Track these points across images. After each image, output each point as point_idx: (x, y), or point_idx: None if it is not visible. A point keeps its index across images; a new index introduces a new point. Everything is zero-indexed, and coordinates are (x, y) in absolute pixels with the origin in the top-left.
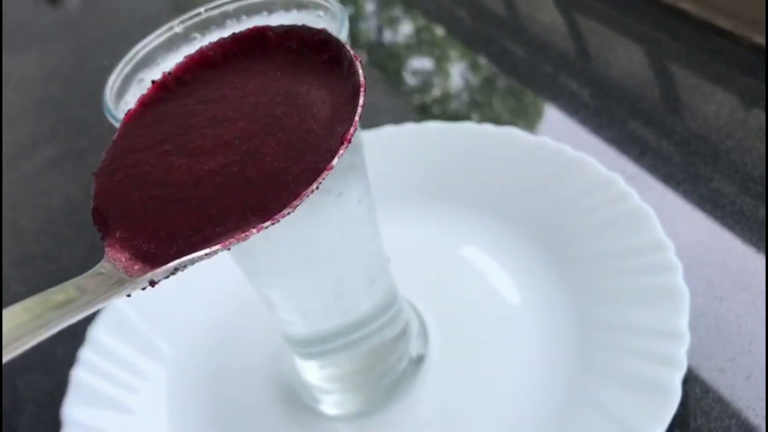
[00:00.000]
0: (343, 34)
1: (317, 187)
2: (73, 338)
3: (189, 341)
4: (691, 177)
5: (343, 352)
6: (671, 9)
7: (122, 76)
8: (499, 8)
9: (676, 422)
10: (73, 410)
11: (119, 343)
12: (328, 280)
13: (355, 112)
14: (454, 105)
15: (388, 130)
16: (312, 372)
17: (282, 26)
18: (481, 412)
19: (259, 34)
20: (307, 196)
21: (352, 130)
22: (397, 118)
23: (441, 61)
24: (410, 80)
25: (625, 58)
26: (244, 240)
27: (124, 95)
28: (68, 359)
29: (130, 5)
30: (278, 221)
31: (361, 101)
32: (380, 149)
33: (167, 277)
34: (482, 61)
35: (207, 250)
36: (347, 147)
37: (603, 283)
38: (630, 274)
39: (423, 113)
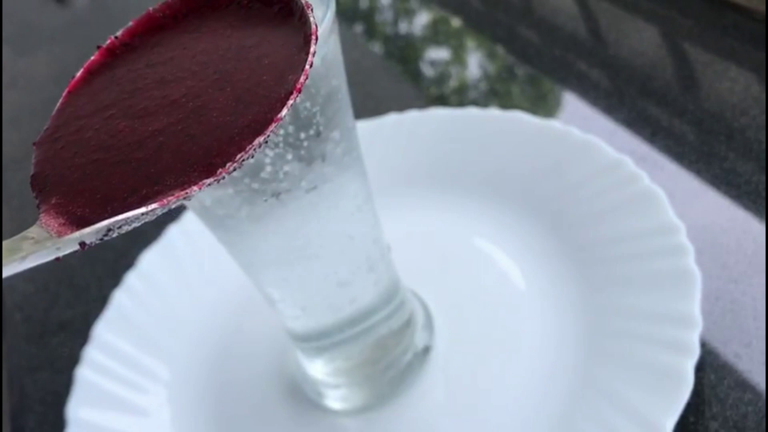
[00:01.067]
0: (329, 15)
1: (265, 140)
2: (79, 337)
3: (193, 338)
4: (704, 157)
5: (345, 345)
6: None
7: None
8: None
9: (691, 410)
10: (78, 409)
11: (123, 342)
12: (326, 272)
13: (306, 62)
14: (471, 94)
15: (392, 118)
16: (316, 367)
17: None
18: (489, 403)
19: None
20: (255, 149)
21: (302, 78)
22: (410, 104)
23: (458, 51)
24: (427, 71)
25: (635, 36)
26: (185, 198)
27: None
28: (75, 359)
29: (138, 5)
30: (223, 177)
31: (312, 49)
32: (383, 137)
33: (101, 239)
34: (496, 47)
35: (142, 210)
36: (297, 96)
37: (612, 267)
38: (639, 258)
39: (440, 104)
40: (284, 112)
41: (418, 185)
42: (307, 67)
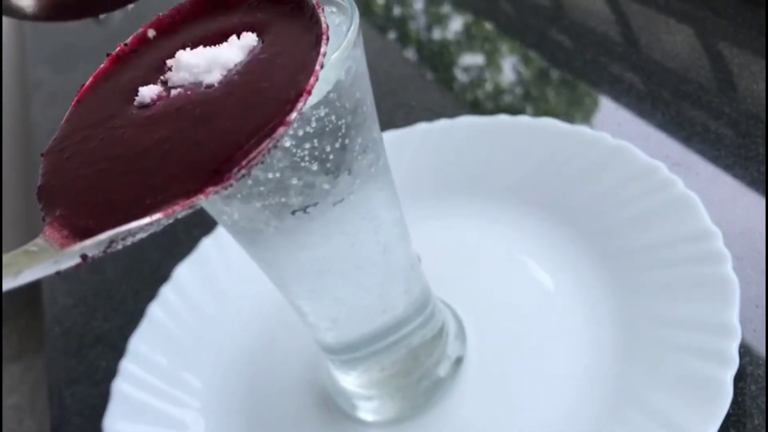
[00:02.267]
0: (353, 27)
1: (274, 145)
2: (116, 350)
3: (226, 351)
4: (741, 160)
5: (377, 357)
6: None
7: None
8: None
9: (731, 422)
10: (115, 422)
11: (158, 355)
12: (356, 283)
13: (316, 62)
14: (503, 98)
15: (421, 127)
16: (348, 378)
17: None
18: (522, 414)
19: None
20: (262, 155)
21: (312, 80)
22: (444, 113)
23: (492, 56)
24: (461, 77)
25: (668, 38)
26: (190, 207)
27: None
28: (112, 371)
29: None
30: (230, 184)
31: (322, 49)
32: (413, 146)
33: (105, 251)
34: (527, 51)
35: (146, 220)
36: (306, 99)
37: (646, 275)
38: (675, 266)
39: (472, 107)
40: (293, 115)
41: (448, 194)
42: (317, 67)
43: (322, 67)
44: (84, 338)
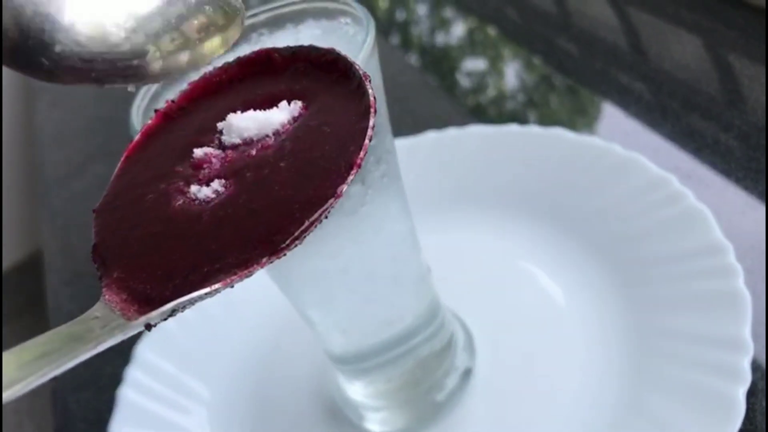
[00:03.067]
0: (369, 39)
1: (325, 217)
2: (121, 356)
3: (233, 359)
4: (752, 173)
5: (386, 367)
6: None
7: (149, 94)
8: (547, 4)
9: None
10: (120, 429)
11: (165, 362)
12: (366, 293)
13: (365, 135)
14: (510, 105)
15: (431, 136)
16: (356, 389)
17: (288, 47)
18: (531, 428)
19: (264, 57)
20: (314, 226)
21: (362, 153)
22: (453, 121)
23: (495, 62)
24: (464, 82)
25: (678, 49)
26: (247, 277)
27: (150, 116)
28: (117, 377)
29: None
30: (284, 254)
31: (371, 123)
32: (422, 155)
33: (165, 319)
34: (533, 59)
35: (206, 290)
36: (357, 172)
37: (657, 289)
38: (686, 280)
39: (478, 114)
40: (344, 188)
41: (458, 204)
42: (366, 141)
43: (371, 140)
44: None
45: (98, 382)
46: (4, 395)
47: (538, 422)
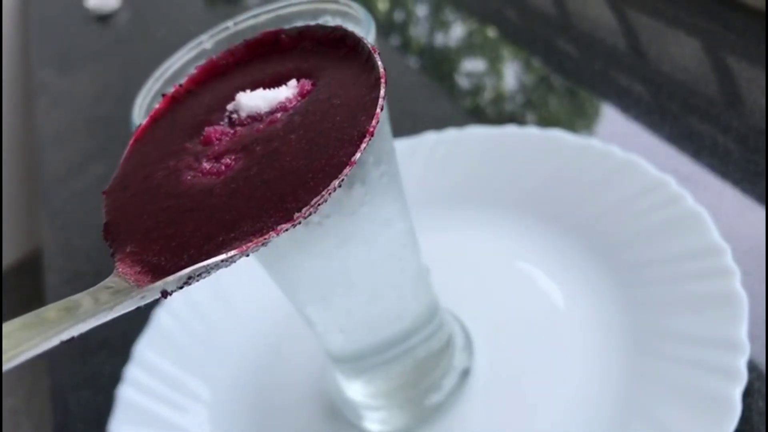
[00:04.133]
0: (369, 39)
1: (340, 184)
2: (120, 355)
3: (233, 358)
4: (749, 176)
5: (385, 367)
6: None
7: (152, 92)
8: (547, 6)
9: None
10: (119, 428)
11: (164, 361)
12: (366, 293)
13: (377, 104)
14: (506, 106)
15: (430, 137)
16: (355, 388)
17: (295, 28)
18: (529, 427)
19: (272, 38)
20: (329, 193)
21: (374, 122)
22: (452, 121)
23: (494, 63)
24: (462, 82)
25: (677, 51)
26: (263, 244)
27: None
28: (116, 376)
29: (178, 23)
30: (299, 222)
31: (382, 93)
32: (421, 156)
33: (181, 287)
34: (533, 60)
35: (222, 256)
36: (370, 140)
37: (654, 290)
38: (683, 281)
39: (478, 116)
40: (358, 155)
41: (457, 205)
42: (378, 110)
43: (382, 109)
44: (88, 343)
45: (98, 381)
46: (20, 352)
47: (535, 422)
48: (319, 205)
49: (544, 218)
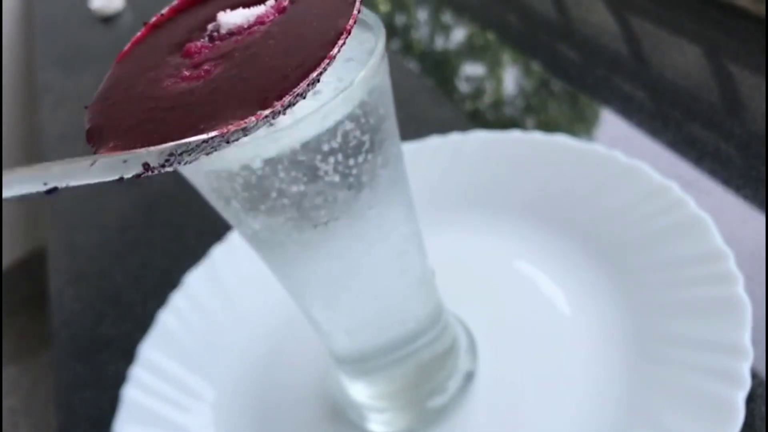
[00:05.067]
0: (379, 46)
1: (318, 77)
2: (124, 355)
3: (237, 359)
4: (752, 181)
5: (389, 369)
6: (726, 6)
7: None
8: (550, 11)
9: None
10: (124, 429)
11: (169, 361)
12: (372, 295)
13: (354, 7)
14: (508, 111)
15: (435, 141)
16: (359, 389)
17: None
18: (533, 430)
19: None
20: (309, 84)
21: (351, 21)
22: (451, 125)
23: (494, 67)
24: (463, 87)
25: (679, 58)
26: (244, 128)
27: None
28: (120, 377)
29: None
30: (279, 111)
31: None
32: (426, 160)
33: (162, 165)
34: (535, 65)
35: (203, 137)
36: (347, 38)
37: (658, 295)
38: (687, 286)
39: (476, 119)
40: (335, 50)
41: (462, 209)
42: (355, 12)
43: (359, 11)
44: (92, 343)
45: (101, 382)
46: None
47: (539, 425)
48: (298, 95)
49: (547, 222)
